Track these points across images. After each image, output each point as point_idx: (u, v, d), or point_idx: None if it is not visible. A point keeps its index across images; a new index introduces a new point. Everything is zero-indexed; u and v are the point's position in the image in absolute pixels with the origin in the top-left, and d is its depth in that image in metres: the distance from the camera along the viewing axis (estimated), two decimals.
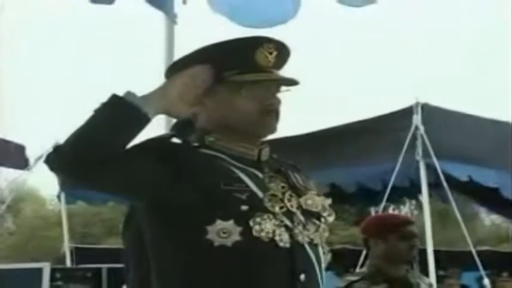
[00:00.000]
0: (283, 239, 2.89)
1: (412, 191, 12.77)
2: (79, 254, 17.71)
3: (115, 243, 23.66)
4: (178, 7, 5.65)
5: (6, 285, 11.41)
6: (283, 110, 3.12)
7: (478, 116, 13.58)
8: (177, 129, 3.11)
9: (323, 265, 3.04)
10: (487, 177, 12.86)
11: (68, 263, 17.19)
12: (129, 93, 2.81)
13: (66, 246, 17.96)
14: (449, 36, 70.22)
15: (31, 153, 15.21)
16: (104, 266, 14.94)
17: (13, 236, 42.48)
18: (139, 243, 3.06)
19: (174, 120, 3.17)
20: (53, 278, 14.29)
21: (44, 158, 2.87)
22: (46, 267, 14.56)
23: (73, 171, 2.82)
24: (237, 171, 2.97)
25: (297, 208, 3.00)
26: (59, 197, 17.04)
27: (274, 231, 2.88)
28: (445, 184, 11.88)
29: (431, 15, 64.74)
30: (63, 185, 14.78)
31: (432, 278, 10.93)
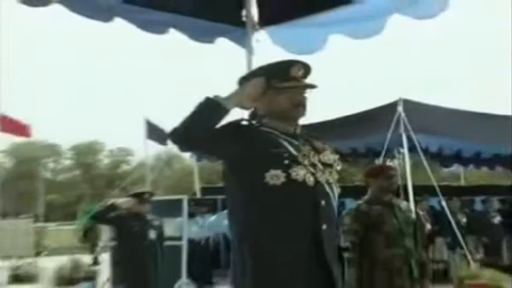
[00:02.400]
0: (310, 180, 2.92)
1: (398, 152, 12.89)
2: (204, 191, 17.88)
3: None
4: (255, 44, 5.64)
5: (163, 211, 11.53)
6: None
7: (444, 106, 13.72)
8: (249, 116, 3.14)
9: (336, 195, 3.04)
10: (451, 145, 13.61)
11: (198, 196, 17.35)
12: (216, 95, 2.89)
13: (197, 186, 18.10)
14: (431, 41, 66.20)
15: None
16: (219, 197, 15.02)
17: (168, 180, 43.05)
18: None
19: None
20: (189, 205, 14.45)
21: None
22: (185, 198, 14.70)
23: (183, 143, 2.94)
24: (281, 140, 3.00)
25: (318, 161, 3.02)
26: (192, 157, 17.32)
27: (304, 175, 2.91)
28: (418, 147, 11.96)
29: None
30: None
31: (411, 201, 10.89)
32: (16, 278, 17.42)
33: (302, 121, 3.14)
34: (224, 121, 2.92)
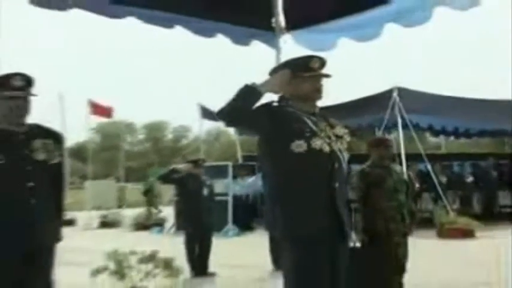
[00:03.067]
0: (326, 148, 2.87)
1: (394, 128, 12.72)
2: (245, 158, 17.78)
3: None
4: (282, 44, 5.57)
5: (213, 173, 11.46)
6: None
7: (430, 92, 13.62)
8: (278, 99, 3.06)
9: (345, 160, 2.98)
10: (436, 122, 13.80)
11: (240, 162, 17.31)
12: (253, 83, 2.84)
13: (239, 155, 18.04)
14: (429, 41, 62.67)
15: None
16: (256, 163, 14.93)
17: (217, 150, 42.95)
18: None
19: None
20: (233, 169, 14.46)
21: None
22: (230, 164, 14.74)
23: (228, 120, 2.90)
24: (303, 117, 2.94)
25: (332, 134, 2.97)
26: (235, 132, 17.23)
27: (321, 145, 2.87)
28: (409, 124, 11.86)
29: None
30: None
31: (404, 165, 10.77)
32: (104, 223, 17.73)
33: (320, 103, 3.07)
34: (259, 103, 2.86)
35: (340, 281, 2.91)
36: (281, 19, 5.51)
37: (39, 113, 3.35)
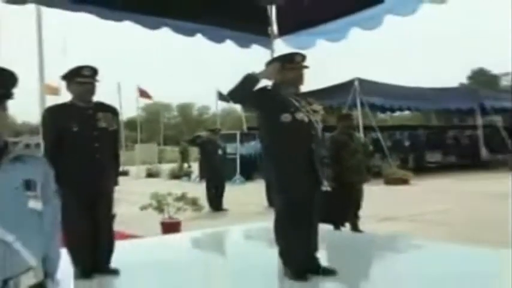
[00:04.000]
0: (305, 120, 2.81)
1: (355, 107, 12.60)
2: (249, 128, 17.44)
3: None
4: (276, 46, 5.41)
5: (226, 139, 11.32)
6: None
7: (382, 82, 13.49)
8: (272, 84, 2.95)
9: (320, 128, 2.92)
10: (386, 102, 13.38)
11: (245, 131, 17.13)
12: (253, 72, 2.78)
13: (245, 126, 17.68)
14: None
15: None
16: (257, 131, 14.75)
17: (229, 122, 42.01)
18: None
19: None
20: (240, 136, 14.43)
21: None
22: (238, 132, 14.71)
23: (235, 99, 2.87)
24: (289, 98, 2.86)
25: (310, 109, 2.89)
26: (242, 109, 16.86)
27: (303, 117, 2.80)
28: (366, 105, 11.75)
29: None
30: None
31: (362, 133, 10.72)
32: (149, 174, 17.84)
33: (302, 88, 3.00)
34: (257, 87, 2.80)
35: (315, 215, 2.91)
36: (275, 28, 5.38)
37: (102, 95, 3.32)
